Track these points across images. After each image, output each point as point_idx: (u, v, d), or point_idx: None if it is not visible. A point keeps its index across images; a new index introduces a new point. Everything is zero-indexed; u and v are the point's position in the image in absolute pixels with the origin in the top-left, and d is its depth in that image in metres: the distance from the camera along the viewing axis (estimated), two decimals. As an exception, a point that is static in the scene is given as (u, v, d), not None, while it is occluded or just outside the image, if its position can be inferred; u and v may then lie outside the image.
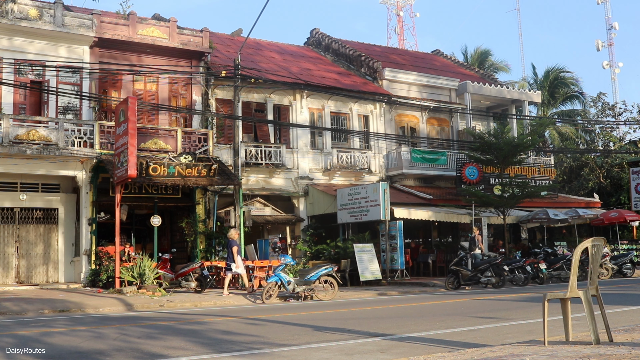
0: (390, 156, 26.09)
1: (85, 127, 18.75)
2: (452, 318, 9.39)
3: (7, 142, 17.49)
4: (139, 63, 20.37)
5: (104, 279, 17.20)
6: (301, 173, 23.94)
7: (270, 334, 8.00)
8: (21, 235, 19.30)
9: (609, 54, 49.04)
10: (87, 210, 18.95)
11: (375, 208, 20.97)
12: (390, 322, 9.04)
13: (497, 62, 44.77)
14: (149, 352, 6.67)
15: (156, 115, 21.00)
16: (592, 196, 30.62)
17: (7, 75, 18.53)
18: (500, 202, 23.53)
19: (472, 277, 18.79)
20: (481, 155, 24.70)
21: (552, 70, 42.30)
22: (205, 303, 14.43)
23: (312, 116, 25.08)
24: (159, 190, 19.86)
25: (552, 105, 41.62)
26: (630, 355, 5.11)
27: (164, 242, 21.20)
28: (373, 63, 28.11)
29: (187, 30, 21.45)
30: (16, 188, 19.14)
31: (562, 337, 6.26)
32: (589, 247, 5.96)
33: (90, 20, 19.67)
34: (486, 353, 5.63)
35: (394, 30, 58.11)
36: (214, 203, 21.25)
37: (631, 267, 22.23)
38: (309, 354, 6.36)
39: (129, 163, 15.67)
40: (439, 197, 24.91)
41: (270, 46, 29.95)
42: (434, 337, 7.29)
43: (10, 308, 12.83)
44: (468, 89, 28.19)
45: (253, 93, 23.42)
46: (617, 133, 38.07)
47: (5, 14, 18.34)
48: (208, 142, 20.44)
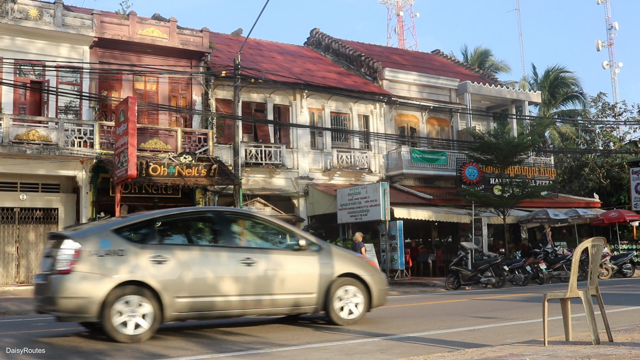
0: (390, 156, 26.09)
1: (85, 127, 18.75)
2: (452, 318, 9.38)
3: (7, 142, 17.49)
4: (139, 63, 20.37)
5: (104, 279, 17.16)
6: (301, 173, 23.94)
7: (270, 334, 7.99)
8: (21, 235, 19.30)
9: (609, 54, 49.09)
10: (87, 210, 18.95)
11: (375, 208, 20.97)
12: (390, 322, 9.03)
13: (497, 62, 44.79)
14: (149, 352, 6.66)
15: (156, 115, 21.01)
16: (592, 196, 30.61)
17: (7, 75, 18.53)
18: (500, 202, 23.52)
19: (472, 277, 18.79)
20: (481, 155, 24.70)
21: (552, 70, 42.30)
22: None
23: (312, 116, 25.08)
24: (159, 190, 19.86)
25: (552, 105, 41.62)
26: (630, 355, 5.11)
27: (164, 242, 21.17)
28: (373, 63, 28.11)
29: (187, 30, 21.45)
30: (16, 188, 19.14)
31: (562, 337, 6.26)
32: (589, 247, 5.96)
33: (90, 20, 19.68)
34: (486, 353, 5.63)
35: (394, 30, 58.13)
36: (214, 203, 21.25)
37: (631, 267, 22.22)
38: (309, 354, 6.36)
39: (129, 163, 15.68)
40: (439, 197, 24.91)
41: (270, 46, 29.95)
42: (434, 337, 7.29)
43: (10, 308, 12.83)
44: (468, 89, 28.19)
45: (253, 93, 23.42)
46: (617, 133, 38.08)
47: (6, 14, 18.34)
48: (208, 142, 20.44)
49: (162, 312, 7.43)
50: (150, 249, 7.60)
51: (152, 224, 8.07)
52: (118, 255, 7.37)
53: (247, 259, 8.02)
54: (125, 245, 7.47)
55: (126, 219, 8.24)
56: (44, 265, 7.83)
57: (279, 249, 8.68)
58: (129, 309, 7.26)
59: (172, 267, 7.56)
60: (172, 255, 7.66)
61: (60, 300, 7.15)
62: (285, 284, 8.21)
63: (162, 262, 7.51)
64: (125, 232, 7.69)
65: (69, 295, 7.13)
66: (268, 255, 8.32)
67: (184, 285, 7.58)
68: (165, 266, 7.52)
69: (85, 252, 7.25)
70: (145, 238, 7.82)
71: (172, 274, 7.53)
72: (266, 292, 8.10)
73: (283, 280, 8.21)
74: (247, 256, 8.06)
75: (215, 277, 7.80)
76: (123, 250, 7.40)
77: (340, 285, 8.59)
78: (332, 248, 9.00)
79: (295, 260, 8.43)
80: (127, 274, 7.31)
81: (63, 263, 7.22)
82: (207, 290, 7.75)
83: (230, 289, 7.86)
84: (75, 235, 7.51)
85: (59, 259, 7.25)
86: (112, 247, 7.38)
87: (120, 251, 7.39)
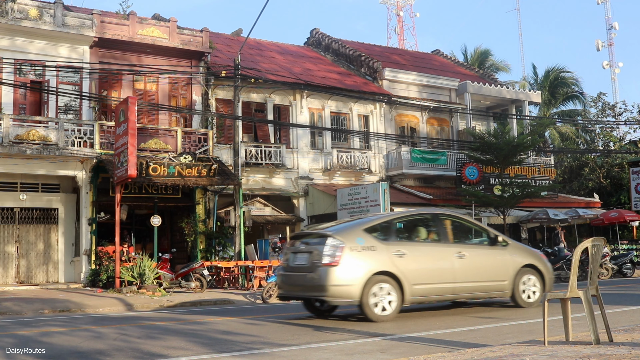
0: (390, 156, 26.09)
1: (85, 127, 18.76)
2: (452, 318, 9.39)
3: (7, 142, 17.49)
4: (139, 63, 20.38)
5: (104, 279, 17.20)
6: (301, 173, 23.95)
7: (270, 334, 7.99)
8: (21, 235, 19.30)
9: (609, 54, 49.04)
10: (87, 210, 18.96)
11: (375, 208, 20.96)
12: (390, 322, 9.03)
13: (497, 62, 44.78)
14: (149, 352, 6.66)
15: (156, 115, 21.01)
16: (592, 196, 30.61)
17: (7, 75, 18.54)
18: (500, 202, 23.52)
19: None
20: (481, 155, 24.70)
21: (552, 70, 42.30)
22: (206, 303, 14.41)
23: (312, 116, 25.08)
24: (159, 190, 19.87)
25: (552, 105, 41.62)
26: (630, 355, 5.11)
27: (164, 242, 21.21)
28: (373, 63, 28.11)
29: (187, 30, 21.45)
30: (16, 188, 19.15)
31: (562, 337, 6.26)
32: (589, 247, 5.96)
33: (91, 20, 19.68)
34: (486, 353, 5.63)
35: (394, 30, 58.10)
36: (214, 203, 21.26)
37: (631, 267, 22.22)
38: (309, 354, 6.36)
39: (129, 163, 15.67)
40: (439, 197, 24.91)
41: (271, 46, 29.95)
42: (434, 337, 7.29)
43: (10, 308, 12.83)
44: (468, 89, 28.19)
45: (253, 93, 23.42)
46: (617, 133, 38.08)
47: (5, 14, 18.34)
48: (208, 142, 20.44)
49: (403, 296, 9.11)
50: (393, 244, 9.36)
51: (391, 224, 9.86)
52: (371, 250, 9.04)
53: (459, 253, 9.72)
54: (374, 242, 9.18)
55: (370, 220, 9.89)
56: (296, 260, 9.58)
57: (479, 244, 10.50)
58: (380, 294, 8.92)
59: (409, 259, 9.26)
60: (408, 249, 9.40)
61: (330, 288, 8.77)
62: (486, 273, 9.94)
63: (402, 256, 9.22)
64: (372, 231, 9.41)
65: (338, 283, 8.74)
66: (472, 249, 10.08)
67: (417, 274, 9.30)
68: (405, 259, 9.22)
69: (347, 248, 8.84)
70: (387, 236, 9.56)
71: (409, 265, 9.22)
72: (473, 279, 9.79)
73: (485, 270, 9.95)
74: (459, 250, 9.77)
75: (439, 268, 9.58)
76: (374, 246, 9.09)
77: (524, 274, 10.23)
78: (515, 243, 10.73)
79: (492, 253, 10.16)
80: (378, 266, 9.00)
81: (330, 257, 8.78)
82: (433, 278, 9.49)
83: (449, 277, 9.61)
84: (336, 235, 9.13)
85: (326, 253, 8.86)
86: (366, 244, 9.03)
87: (372, 247, 9.08)
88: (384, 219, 9.90)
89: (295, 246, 9.84)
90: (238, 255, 19.66)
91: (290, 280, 9.64)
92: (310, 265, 9.09)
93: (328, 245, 8.89)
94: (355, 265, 8.83)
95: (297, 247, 9.70)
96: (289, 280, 9.69)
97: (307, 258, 9.25)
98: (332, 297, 8.93)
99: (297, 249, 9.66)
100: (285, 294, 9.92)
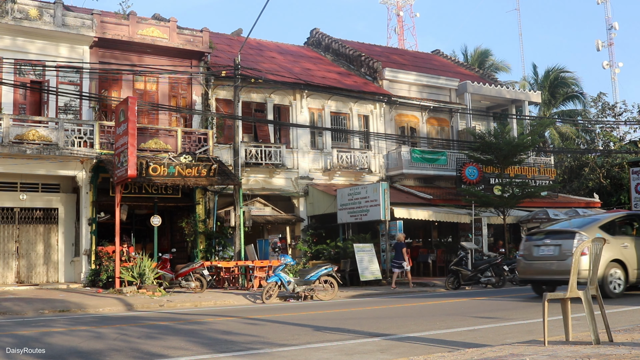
0: (390, 156, 26.08)
1: (85, 127, 18.75)
2: (452, 318, 9.39)
3: (7, 142, 17.49)
4: (139, 63, 20.37)
5: (104, 279, 17.19)
6: (301, 173, 23.94)
7: (270, 334, 8.00)
8: (21, 235, 19.30)
9: (609, 54, 49.02)
10: (87, 210, 18.95)
11: (375, 208, 20.97)
12: (390, 322, 9.04)
13: (497, 62, 44.77)
14: (149, 352, 6.67)
15: (156, 115, 21.01)
16: (592, 196, 30.60)
17: (7, 75, 18.53)
18: (500, 202, 23.52)
19: (472, 277, 18.79)
20: (481, 155, 24.69)
21: (552, 70, 42.28)
22: (205, 303, 14.43)
23: (312, 116, 25.08)
24: (159, 190, 19.86)
25: (552, 105, 41.61)
26: (630, 355, 5.11)
27: (164, 242, 21.21)
28: (373, 63, 28.11)
29: (187, 30, 21.45)
30: (16, 188, 19.14)
31: (562, 337, 6.26)
32: (589, 247, 5.96)
33: (91, 20, 19.67)
34: (486, 353, 5.63)
35: (394, 30, 58.10)
36: (214, 203, 21.26)
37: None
38: (309, 354, 6.36)
39: (129, 163, 15.67)
40: (439, 197, 24.90)
41: (271, 46, 29.95)
42: (434, 337, 7.29)
43: (10, 308, 12.82)
44: (468, 89, 28.19)
45: (253, 93, 23.42)
46: (617, 133, 38.06)
47: (6, 14, 18.34)
48: (208, 142, 20.44)
49: (627, 278, 11.65)
50: (619, 238, 11.98)
51: (614, 222, 12.63)
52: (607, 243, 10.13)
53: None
54: (607, 236, 11.36)
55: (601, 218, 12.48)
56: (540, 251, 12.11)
57: None
58: (615, 276, 11.55)
59: (630, 250, 11.88)
60: (629, 242, 12.01)
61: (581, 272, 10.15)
62: None
63: (625, 247, 11.85)
64: (604, 228, 11.90)
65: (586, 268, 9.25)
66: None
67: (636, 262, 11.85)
68: (628, 250, 11.86)
69: None
70: (613, 231, 12.16)
71: (630, 254, 11.84)
72: None
73: None
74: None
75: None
76: (608, 240, 10.27)
77: None
78: None
79: None
80: (613, 254, 11.48)
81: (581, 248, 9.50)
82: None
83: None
84: (582, 231, 11.68)
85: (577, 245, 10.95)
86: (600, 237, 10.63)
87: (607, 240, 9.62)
88: (609, 218, 12.64)
89: (533, 241, 12.41)
90: (238, 255, 19.66)
91: (533, 268, 12.16)
92: (560, 254, 11.62)
93: (576, 239, 11.41)
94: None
95: (539, 242, 12.21)
96: (531, 268, 12.22)
97: (556, 249, 11.80)
98: (581, 279, 9.78)
99: (540, 243, 12.18)
100: (527, 277, 12.60)
